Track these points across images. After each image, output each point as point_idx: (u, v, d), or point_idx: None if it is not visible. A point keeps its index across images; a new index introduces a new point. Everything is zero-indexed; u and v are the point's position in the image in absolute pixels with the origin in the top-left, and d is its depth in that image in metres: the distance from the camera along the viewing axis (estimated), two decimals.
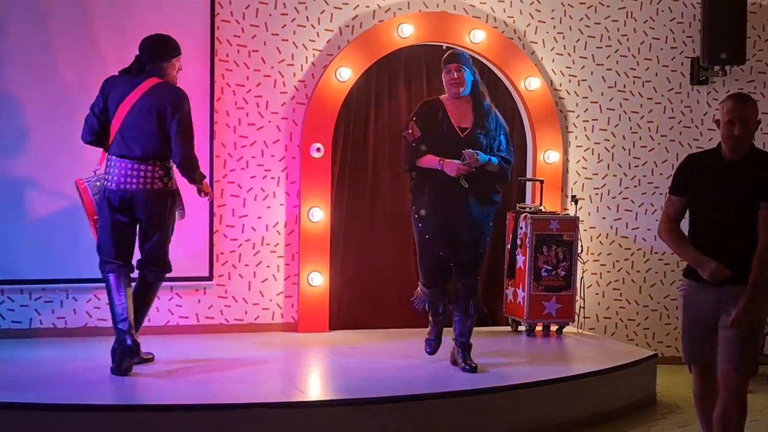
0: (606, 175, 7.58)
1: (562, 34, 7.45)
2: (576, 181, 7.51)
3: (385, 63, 7.11)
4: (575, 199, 7.29)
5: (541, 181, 7.23)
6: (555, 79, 7.45)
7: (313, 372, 6.14)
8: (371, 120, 7.19)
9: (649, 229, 7.61)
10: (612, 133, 7.58)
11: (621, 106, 7.59)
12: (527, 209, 7.08)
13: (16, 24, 6.27)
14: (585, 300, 7.34)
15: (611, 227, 7.59)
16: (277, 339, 6.68)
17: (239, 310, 6.85)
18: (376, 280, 7.20)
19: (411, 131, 5.64)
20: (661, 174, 7.64)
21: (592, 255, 7.50)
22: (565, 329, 7.09)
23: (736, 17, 7.41)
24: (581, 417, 5.66)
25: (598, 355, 6.45)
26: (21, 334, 6.34)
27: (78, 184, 5.61)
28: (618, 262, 7.61)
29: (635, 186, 7.63)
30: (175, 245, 5.74)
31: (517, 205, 7.24)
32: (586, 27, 7.49)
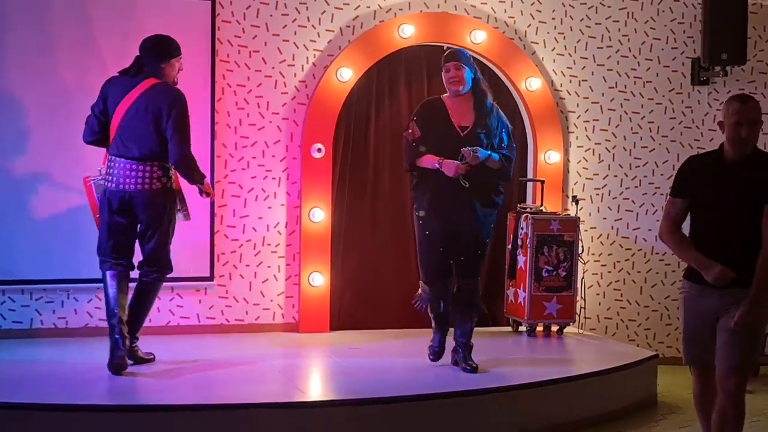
0: (607, 176, 7.57)
1: (562, 34, 7.45)
2: (577, 182, 7.51)
3: (386, 63, 7.11)
4: (576, 200, 7.29)
5: (542, 182, 7.23)
6: (556, 80, 7.45)
7: (314, 372, 6.14)
8: (372, 120, 7.19)
9: (650, 230, 7.61)
10: (613, 134, 7.58)
11: (622, 106, 7.59)
12: (528, 209, 7.08)
13: (15, 25, 6.27)
14: (586, 300, 7.34)
15: (612, 228, 7.59)
16: (278, 339, 6.68)
17: (240, 310, 6.85)
18: (376, 280, 7.19)
19: (411, 131, 5.65)
20: (662, 174, 7.64)
21: (592, 255, 7.50)
22: (566, 330, 7.08)
23: (736, 18, 7.41)
24: (582, 417, 5.65)
25: (598, 356, 6.45)
26: (22, 334, 6.35)
27: (84, 182, 5.63)
28: (619, 262, 7.61)
29: (636, 186, 7.63)
30: (176, 245, 5.75)
31: (518, 206, 7.24)
32: (586, 27, 7.49)
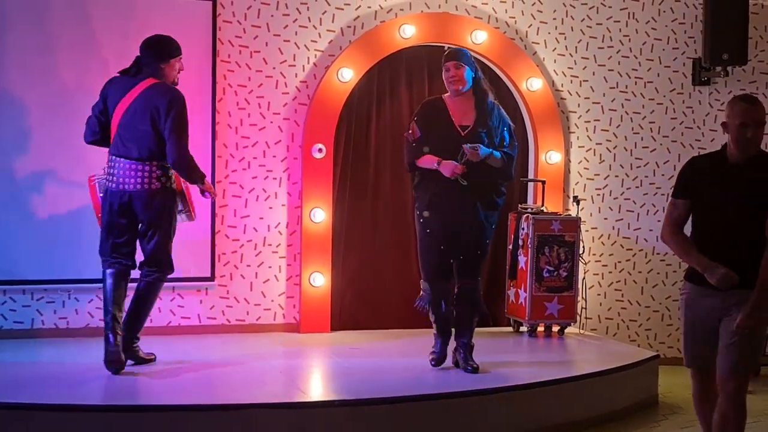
0: (608, 176, 7.57)
1: (563, 34, 7.45)
2: (578, 182, 7.51)
3: (387, 64, 7.11)
4: (577, 200, 7.29)
5: (543, 182, 7.23)
6: (557, 80, 7.45)
7: (315, 372, 6.14)
8: (373, 120, 7.18)
9: (651, 230, 7.61)
10: (614, 134, 7.58)
11: (623, 106, 7.59)
12: (529, 210, 7.07)
13: (16, 25, 6.26)
14: (587, 301, 7.34)
15: (613, 228, 7.59)
16: (279, 339, 6.68)
17: (241, 310, 6.85)
18: (377, 280, 7.19)
19: (411, 132, 5.64)
20: (663, 175, 7.64)
21: (593, 256, 7.50)
22: (567, 330, 7.08)
23: (737, 18, 7.41)
24: (583, 418, 5.65)
25: (599, 356, 6.45)
26: (23, 334, 6.34)
27: (89, 180, 5.64)
28: (620, 262, 7.61)
29: (637, 187, 7.63)
30: (177, 246, 5.74)
31: (519, 206, 7.23)
32: (587, 28, 7.49)
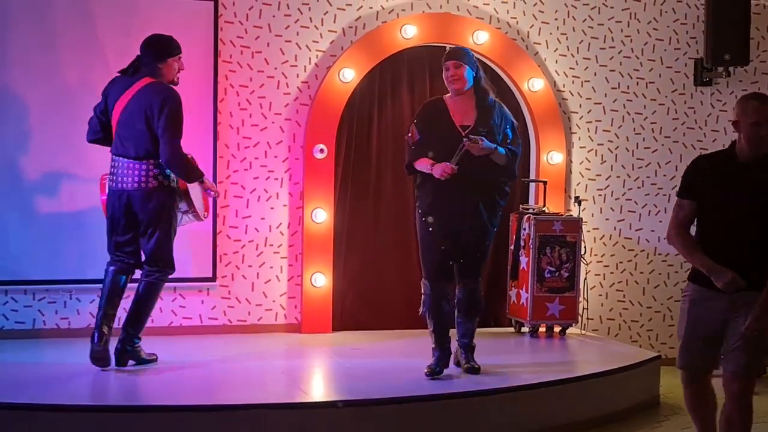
0: (609, 177, 7.57)
1: (565, 35, 7.44)
2: (579, 182, 7.50)
3: (389, 64, 7.11)
4: (578, 201, 7.28)
5: (545, 182, 7.22)
6: (558, 80, 7.44)
7: (317, 373, 6.14)
8: (374, 121, 7.18)
9: (653, 231, 7.60)
10: (615, 134, 7.58)
11: (624, 107, 7.59)
12: (530, 210, 7.07)
13: (18, 24, 6.27)
14: (588, 301, 7.33)
15: (614, 228, 7.59)
16: (281, 340, 6.68)
17: (242, 311, 6.85)
18: (379, 281, 7.19)
19: (411, 134, 5.62)
20: (665, 175, 7.63)
21: (595, 256, 7.49)
22: (569, 330, 7.08)
23: (739, 18, 7.40)
24: (584, 418, 5.65)
25: (601, 357, 6.44)
26: (24, 334, 6.34)
27: (101, 179, 5.67)
28: (621, 263, 7.60)
29: (639, 187, 7.62)
30: (179, 246, 5.75)
31: (521, 206, 7.23)
32: (589, 28, 7.49)
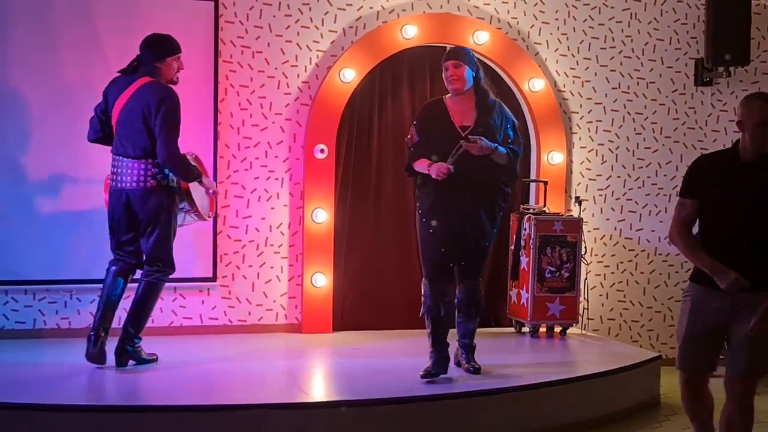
0: (610, 177, 7.57)
1: (566, 35, 7.44)
2: (580, 183, 7.50)
3: (389, 64, 7.11)
4: (579, 201, 7.27)
5: (545, 182, 7.22)
6: (559, 80, 7.44)
7: (317, 373, 6.13)
8: (375, 121, 7.18)
9: (653, 231, 7.60)
10: (616, 135, 7.58)
11: (625, 107, 7.59)
12: (531, 210, 7.07)
13: (18, 24, 6.27)
14: (589, 301, 7.33)
15: (615, 228, 7.58)
16: (281, 340, 6.68)
17: (243, 311, 6.85)
18: (379, 281, 7.19)
19: (410, 136, 5.61)
20: (665, 175, 7.63)
21: (595, 256, 7.49)
22: (569, 331, 7.08)
23: (740, 18, 7.40)
24: (585, 418, 5.64)
25: (601, 357, 6.44)
26: (25, 334, 6.34)
27: (106, 179, 5.68)
28: (622, 263, 7.60)
29: (639, 187, 7.62)
30: (179, 246, 5.75)
31: (521, 206, 7.23)
32: (590, 28, 7.49)
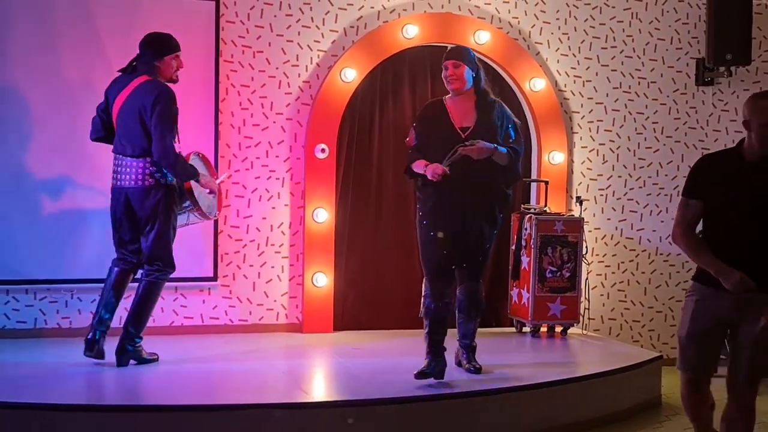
0: (611, 176, 7.56)
1: (567, 34, 7.44)
2: (581, 182, 7.50)
3: (390, 64, 7.11)
4: (580, 200, 7.26)
5: (546, 182, 7.22)
6: (560, 80, 7.44)
7: (318, 373, 6.14)
8: (376, 121, 7.18)
9: (654, 230, 7.60)
10: (617, 134, 7.57)
11: (626, 107, 7.58)
12: (532, 210, 7.07)
13: (19, 24, 6.27)
14: (590, 301, 7.33)
15: (616, 228, 7.58)
16: (282, 340, 6.68)
17: (244, 310, 6.85)
18: (380, 281, 7.19)
19: (409, 138, 5.60)
20: (666, 175, 7.63)
21: (596, 256, 7.49)
22: (570, 330, 7.07)
23: (741, 18, 7.40)
24: (586, 418, 5.64)
25: (602, 357, 6.44)
26: (25, 334, 6.35)
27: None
28: (623, 263, 7.60)
29: (640, 187, 7.62)
30: (180, 246, 5.75)
31: (522, 206, 7.22)
32: (591, 28, 7.48)
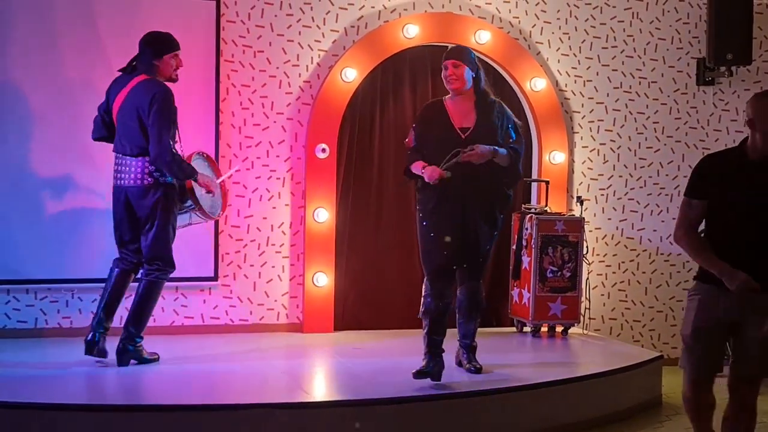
0: (611, 176, 7.56)
1: (567, 34, 7.44)
2: (581, 182, 7.49)
3: (391, 64, 7.10)
4: (581, 200, 7.26)
5: (547, 182, 7.22)
6: (560, 80, 7.44)
7: (318, 373, 6.14)
8: (376, 120, 7.18)
9: (655, 230, 7.60)
10: (618, 134, 7.57)
11: (627, 106, 7.58)
12: (532, 210, 7.07)
13: (19, 24, 6.27)
14: (590, 301, 7.33)
15: (617, 228, 7.58)
16: (282, 339, 6.68)
17: (244, 310, 6.85)
18: (380, 280, 7.19)
19: (408, 139, 5.60)
20: (667, 175, 7.63)
21: (597, 256, 7.49)
22: (571, 330, 7.07)
23: (742, 18, 7.40)
24: (586, 418, 5.64)
25: (603, 357, 6.44)
26: (26, 333, 6.35)
27: None
28: (623, 263, 7.59)
29: (641, 187, 7.62)
30: (180, 245, 5.75)
31: (523, 206, 7.22)
32: (591, 27, 7.48)
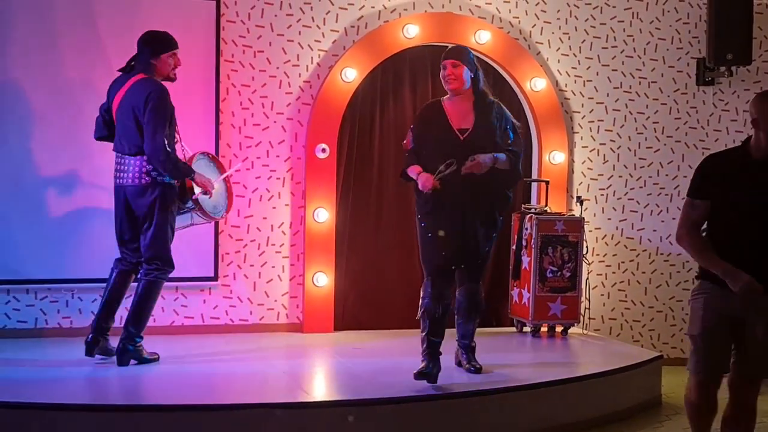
0: (611, 176, 7.56)
1: (567, 34, 7.44)
2: (581, 182, 7.50)
3: (391, 63, 7.11)
4: (580, 200, 7.26)
5: (547, 182, 7.22)
6: (560, 80, 7.44)
7: (318, 373, 6.14)
8: (376, 120, 7.18)
9: (655, 230, 7.60)
10: (617, 134, 7.57)
11: (627, 106, 7.58)
12: (532, 210, 7.07)
13: (19, 24, 6.27)
14: (590, 301, 7.33)
15: (617, 228, 7.58)
16: (282, 339, 6.68)
17: (244, 310, 6.85)
18: (380, 280, 7.19)
19: (406, 140, 5.59)
20: (667, 175, 7.63)
21: (597, 256, 7.49)
22: (570, 330, 7.07)
23: (742, 18, 7.39)
24: (586, 418, 5.64)
25: (603, 357, 6.44)
26: (26, 333, 6.35)
27: None
28: (623, 263, 7.59)
29: (641, 187, 7.62)
30: (181, 245, 5.75)
31: (523, 206, 7.22)
32: (591, 27, 7.48)
